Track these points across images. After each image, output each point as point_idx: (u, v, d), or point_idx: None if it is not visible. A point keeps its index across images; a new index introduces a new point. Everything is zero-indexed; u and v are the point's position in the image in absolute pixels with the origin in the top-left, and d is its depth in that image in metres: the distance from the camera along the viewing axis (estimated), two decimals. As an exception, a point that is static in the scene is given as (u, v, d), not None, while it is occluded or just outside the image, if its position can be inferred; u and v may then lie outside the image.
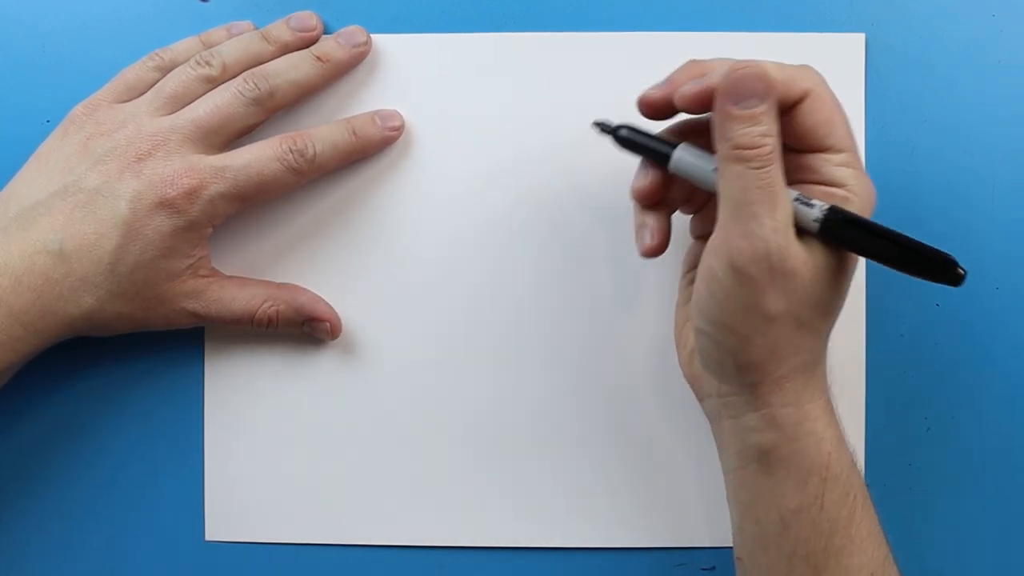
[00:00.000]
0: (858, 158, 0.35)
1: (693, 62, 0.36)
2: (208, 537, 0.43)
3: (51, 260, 0.38)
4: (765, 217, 0.32)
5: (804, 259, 0.33)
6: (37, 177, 0.39)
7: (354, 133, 0.41)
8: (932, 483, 0.42)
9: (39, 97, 0.43)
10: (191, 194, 0.38)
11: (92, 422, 0.43)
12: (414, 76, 0.43)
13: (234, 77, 0.40)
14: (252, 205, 0.40)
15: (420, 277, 0.43)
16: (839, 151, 0.34)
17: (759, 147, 0.32)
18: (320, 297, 0.42)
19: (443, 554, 0.43)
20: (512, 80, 0.43)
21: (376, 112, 0.42)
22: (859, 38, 0.42)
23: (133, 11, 0.43)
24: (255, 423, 0.43)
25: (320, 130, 0.41)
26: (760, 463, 0.35)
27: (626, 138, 0.37)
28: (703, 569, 0.42)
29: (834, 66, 0.34)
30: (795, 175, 0.35)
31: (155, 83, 0.40)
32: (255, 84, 0.39)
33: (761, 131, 0.33)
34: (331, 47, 0.41)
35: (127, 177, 0.38)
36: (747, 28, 0.42)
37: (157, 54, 0.41)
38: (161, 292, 0.39)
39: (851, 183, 0.34)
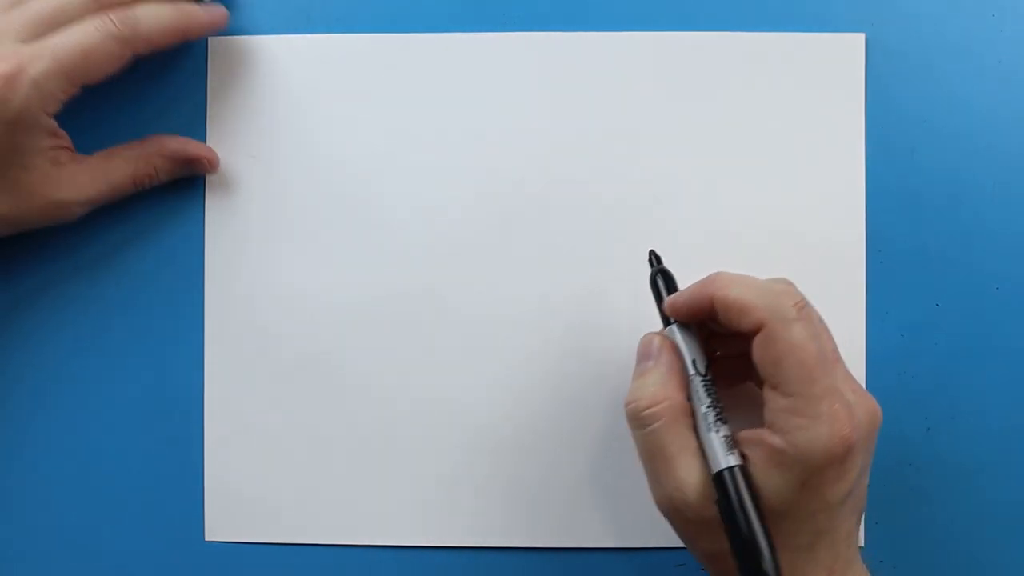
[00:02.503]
0: (814, 405, 0.32)
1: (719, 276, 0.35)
2: (208, 537, 0.43)
3: None
4: (663, 478, 0.33)
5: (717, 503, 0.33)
6: None
7: (179, 9, 0.40)
8: (932, 483, 0.42)
9: (39, 97, 0.43)
10: (11, 80, 0.37)
11: (92, 421, 0.43)
12: (412, 76, 0.43)
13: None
14: (83, 84, 0.39)
15: (418, 277, 0.43)
16: (786, 395, 0.32)
17: (638, 406, 0.34)
18: (187, 138, 0.42)
19: (443, 554, 0.43)
20: (511, 80, 0.43)
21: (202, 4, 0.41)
22: (859, 38, 0.42)
23: (133, 11, 0.43)
24: (255, 423, 0.43)
25: (144, 2, 0.39)
26: None
27: (651, 282, 0.38)
28: (703, 569, 0.42)
29: (834, 66, 0.34)
30: (761, 407, 0.34)
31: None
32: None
33: (640, 389, 0.34)
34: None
35: None
36: (747, 28, 0.42)
37: None
38: (26, 187, 0.38)
39: (793, 434, 0.32)
